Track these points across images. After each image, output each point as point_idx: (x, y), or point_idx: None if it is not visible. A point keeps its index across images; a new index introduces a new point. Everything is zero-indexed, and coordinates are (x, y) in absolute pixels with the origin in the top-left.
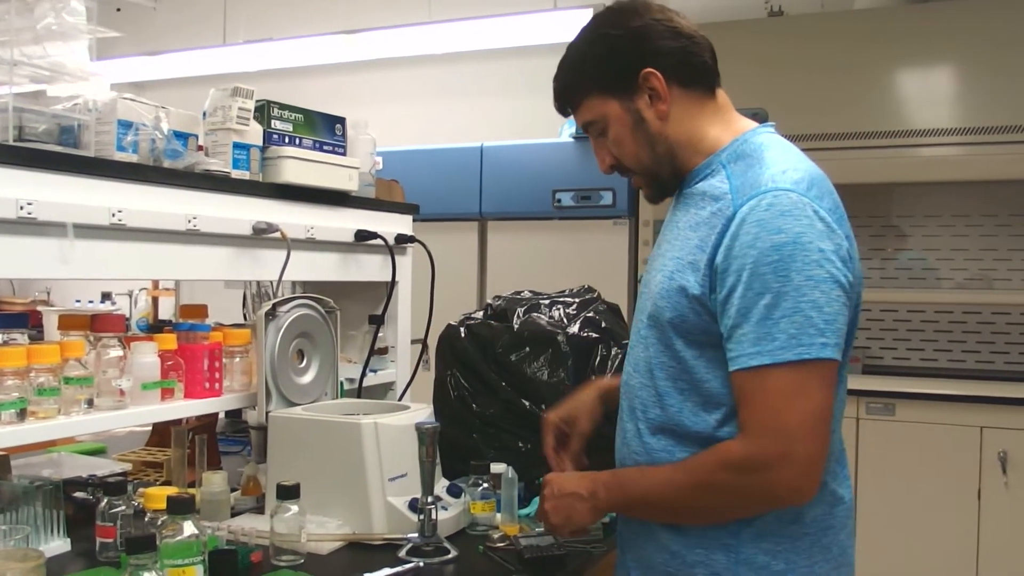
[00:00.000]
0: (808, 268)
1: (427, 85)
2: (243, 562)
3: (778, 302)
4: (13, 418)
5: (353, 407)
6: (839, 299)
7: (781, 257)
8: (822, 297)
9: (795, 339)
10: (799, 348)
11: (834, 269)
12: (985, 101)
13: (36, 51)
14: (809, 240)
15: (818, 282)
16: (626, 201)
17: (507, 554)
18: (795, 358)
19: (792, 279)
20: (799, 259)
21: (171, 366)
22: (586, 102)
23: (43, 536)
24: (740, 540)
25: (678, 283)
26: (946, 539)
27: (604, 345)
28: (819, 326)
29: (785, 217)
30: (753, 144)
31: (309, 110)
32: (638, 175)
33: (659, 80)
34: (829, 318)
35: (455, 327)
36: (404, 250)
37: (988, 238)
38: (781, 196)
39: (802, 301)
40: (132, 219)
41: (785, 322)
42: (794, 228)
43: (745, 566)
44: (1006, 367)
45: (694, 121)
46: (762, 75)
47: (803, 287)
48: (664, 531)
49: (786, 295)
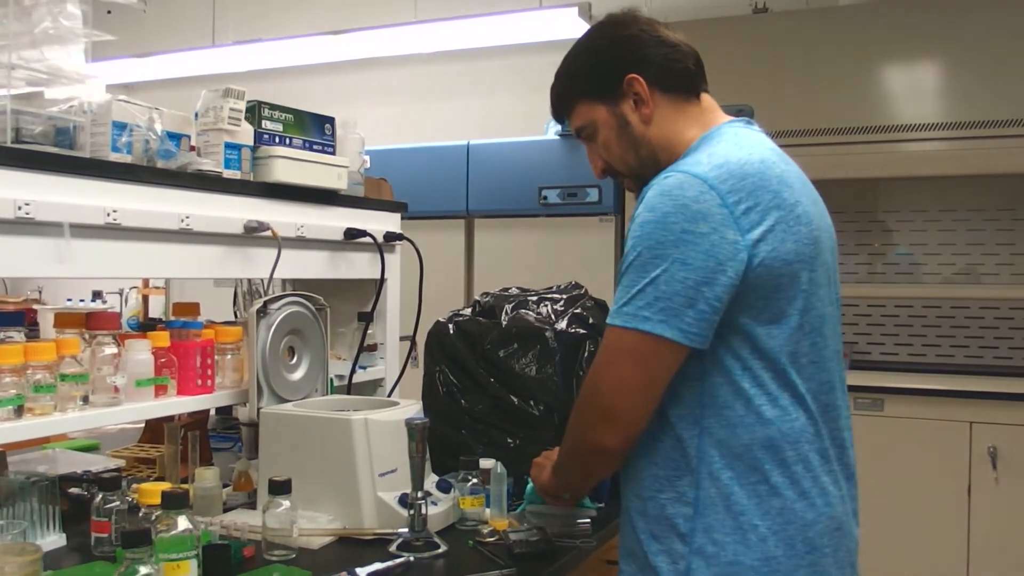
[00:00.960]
0: (660, 247)
1: (414, 84)
2: (236, 557)
3: (627, 272)
4: (11, 415)
5: (343, 403)
6: (684, 280)
7: (642, 234)
8: (661, 275)
9: (625, 307)
10: (624, 317)
11: (697, 251)
12: (971, 96)
13: (33, 55)
14: (674, 221)
15: (665, 259)
16: (612, 198)
17: (497, 548)
18: (620, 324)
19: (643, 255)
20: (655, 237)
21: (164, 363)
22: (577, 108)
23: (39, 531)
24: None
25: None
26: (936, 535)
27: (592, 341)
28: (649, 300)
29: (662, 196)
30: (715, 135)
31: (299, 110)
32: (626, 177)
33: (642, 85)
34: (661, 295)
35: (443, 324)
36: (393, 248)
37: (975, 232)
38: (671, 177)
39: (644, 275)
40: (127, 219)
41: (622, 292)
42: (663, 207)
43: (697, 555)
44: (995, 362)
45: (674, 124)
46: (747, 72)
47: (647, 264)
48: (636, 520)
49: (636, 268)
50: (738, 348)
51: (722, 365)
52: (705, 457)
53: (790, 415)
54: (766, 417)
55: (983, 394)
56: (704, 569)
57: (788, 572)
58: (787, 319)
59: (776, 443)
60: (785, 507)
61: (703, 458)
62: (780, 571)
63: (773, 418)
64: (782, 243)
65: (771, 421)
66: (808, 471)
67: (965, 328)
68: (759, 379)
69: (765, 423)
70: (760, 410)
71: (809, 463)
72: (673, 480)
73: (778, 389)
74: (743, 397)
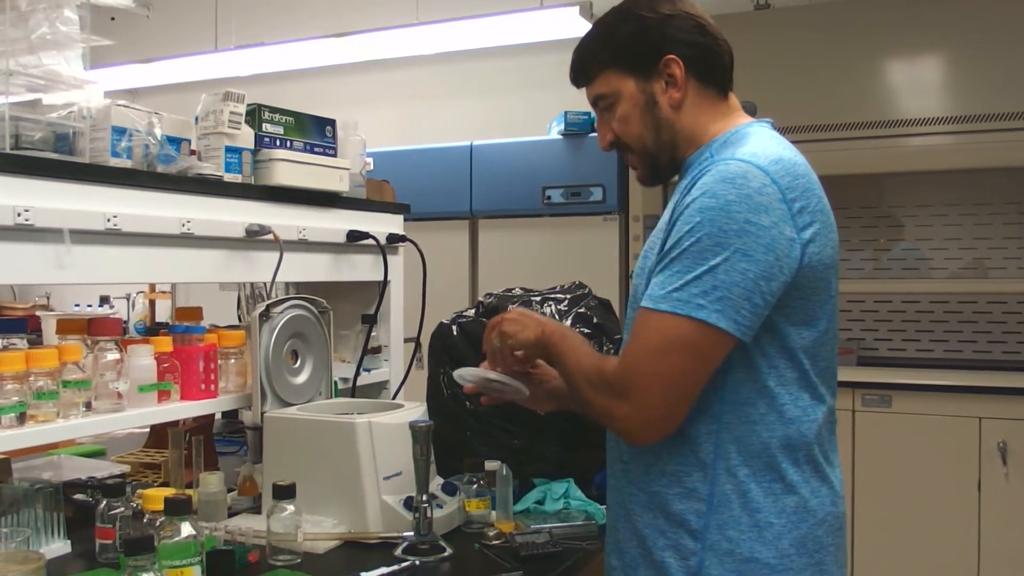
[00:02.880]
0: (720, 235)
1: (416, 85)
2: (240, 562)
3: (680, 257)
4: (13, 422)
5: (347, 406)
6: (744, 272)
7: (703, 220)
8: (722, 264)
9: (675, 292)
10: (674, 303)
11: (757, 244)
12: (975, 89)
13: (31, 60)
14: (737, 210)
15: (724, 248)
16: (616, 197)
17: (503, 551)
18: (672, 310)
19: (701, 241)
20: (718, 224)
21: (167, 368)
22: (603, 75)
23: (43, 538)
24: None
25: (650, 260)
26: (946, 531)
27: (596, 340)
28: (705, 289)
29: (724, 184)
30: (743, 133)
31: (299, 113)
32: (636, 155)
33: (680, 68)
34: (717, 284)
35: (447, 325)
36: (395, 250)
37: (981, 226)
38: (732, 164)
39: (701, 263)
40: (127, 224)
41: (674, 277)
42: (726, 195)
43: (711, 551)
44: (1003, 356)
45: (702, 116)
46: (750, 68)
47: (707, 251)
48: (640, 515)
49: (688, 253)
50: (767, 346)
51: (750, 362)
52: (722, 453)
53: (809, 416)
54: (788, 416)
55: (992, 389)
56: (718, 565)
57: (798, 571)
58: (817, 322)
59: (794, 442)
60: (799, 506)
61: (719, 454)
62: (792, 569)
63: (794, 418)
64: (824, 247)
65: (792, 420)
66: (817, 471)
67: (973, 323)
68: (784, 378)
69: (786, 422)
70: (783, 409)
71: (818, 463)
72: (681, 476)
73: (799, 390)
74: (767, 395)
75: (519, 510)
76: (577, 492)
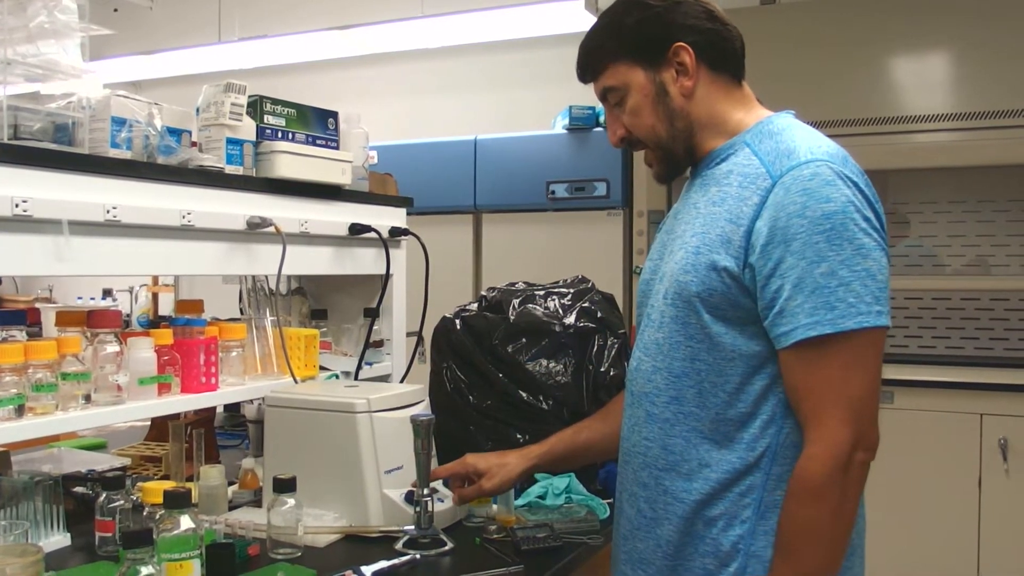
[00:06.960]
0: (859, 237)
1: (421, 79)
2: (240, 555)
3: (834, 271)
4: (11, 414)
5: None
6: (886, 268)
7: (833, 226)
8: (874, 265)
9: (854, 307)
10: (859, 316)
11: (880, 239)
12: (981, 86)
13: (29, 50)
14: (856, 210)
15: (869, 251)
16: (620, 192)
17: (504, 546)
18: (856, 326)
19: (845, 248)
20: (851, 228)
21: (167, 361)
22: (611, 67)
23: (43, 531)
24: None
25: (707, 257)
26: (947, 527)
27: (600, 335)
28: (875, 294)
29: (831, 187)
30: (778, 125)
31: (302, 105)
32: (650, 149)
33: (690, 55)
34: (881, 286)
35: (450, 319)
36: (398, 243)
37: (986, 224)
38: (823, 166)
39: (856, 270)
40: (127, 215)
41: (842, 291)
42: (841, 198)
43: (754, 559)
44: (1005, 353)
45: (718, 104)
46: (755, 63)
47: (855, 256)
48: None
49: (842, 264)
50: None
51: None
52: (778, 459)
53: None
54: None
55: (994, 386)
56: (761, 571)
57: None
58: None
59: None
60: None
61: (775, 459)
62: None
63: None
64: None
65: None
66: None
67: (975, 320)
68: None
69: None
70: None
71: None
72: (728, 483)
73: None
74: None
75: (520, 504)
76: (579, 487)
